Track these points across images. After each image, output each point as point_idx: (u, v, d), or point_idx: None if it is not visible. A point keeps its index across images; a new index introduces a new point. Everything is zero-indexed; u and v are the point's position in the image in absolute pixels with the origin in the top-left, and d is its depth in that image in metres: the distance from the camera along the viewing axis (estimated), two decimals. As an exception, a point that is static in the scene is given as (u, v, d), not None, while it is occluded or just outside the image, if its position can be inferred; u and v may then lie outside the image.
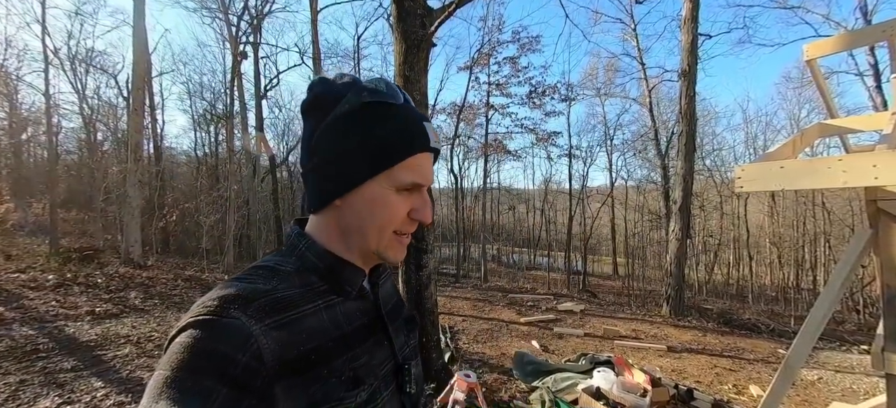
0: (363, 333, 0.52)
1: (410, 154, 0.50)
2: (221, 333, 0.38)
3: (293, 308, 0.45)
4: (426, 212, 0.52)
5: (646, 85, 14.81)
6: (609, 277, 17.79)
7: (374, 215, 0.50)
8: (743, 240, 15.86)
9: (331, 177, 0.50)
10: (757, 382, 4.01)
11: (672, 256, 7.88)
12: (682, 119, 7.72)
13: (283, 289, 0.46)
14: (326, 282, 0.51)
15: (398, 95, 0.51)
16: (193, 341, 0.38)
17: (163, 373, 0.36)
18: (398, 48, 3.26)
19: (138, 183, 8.05)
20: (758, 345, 5.65)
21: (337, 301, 0.51)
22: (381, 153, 0.49)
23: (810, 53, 2.42)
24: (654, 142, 14.85)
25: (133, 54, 8.06)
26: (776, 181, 1.84)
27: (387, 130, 0.49)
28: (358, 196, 0.50)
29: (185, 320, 0.40)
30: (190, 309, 0.42)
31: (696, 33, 7.45)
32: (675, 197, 8.13)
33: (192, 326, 0.39)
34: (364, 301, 0.55)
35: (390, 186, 0.50)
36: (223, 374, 0.37)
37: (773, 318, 9.37)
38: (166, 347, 0.40)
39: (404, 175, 0.50)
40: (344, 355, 0.47)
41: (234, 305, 0.41)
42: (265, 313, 0.42)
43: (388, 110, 0.50)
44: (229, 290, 0.43)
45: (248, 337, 0.39)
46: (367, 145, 0.48)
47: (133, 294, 5.75)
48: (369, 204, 0.50)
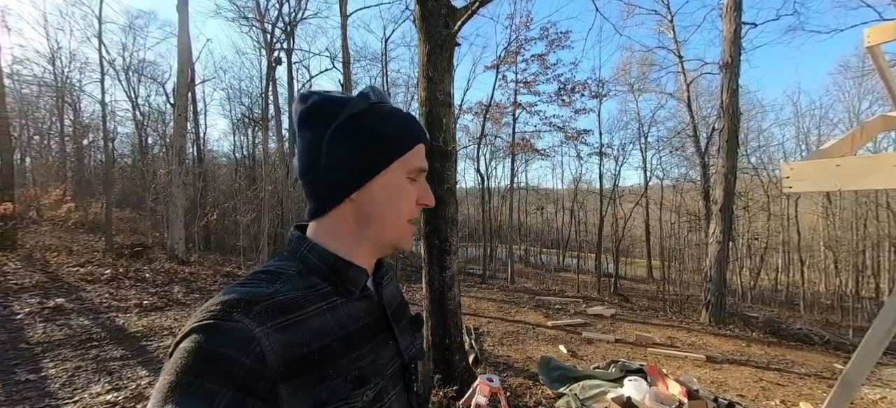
0: (368, 333, 0.53)
1: (416, 143, 0.56)
2: (224, 336, 0.39)
3: (296, 310, 0.45)
4: (429, 196, 0.58)
5: (683, 79, 14.04)
6: (643, 281, 17.07)
7: (393, 201, 0.54)
8: (793, 243, 14.71)
9: (347, 172, 0.52)
10: (809, 399, 3.68)
11: (712, 259, 7.42)
12: (723, 114, 7.25)
13: (286, 291, 0.47)
14: (329, 283, 0.52)
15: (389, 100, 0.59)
16: (197, 346, 0.38)
17: (168, 378, 0.37)
18: (422, 49, 3.27)
19: (182, 184, 8.58)
20: (810, 358, 5.20)
21: (340, 302, 0.51)
22: (394, 143, 0.54)
23: (872, 39, 2.18)
24: (692, 139, 14.05)
25: (178, 63, 8.60)
26: (832, 181, 1.67)
27: (394, 123, 0.55)
28: (376, 185, 0.53)
29: (189, 325, 0.41)
30: (194, 314, 0.43)
31: (739, 22, 6.97)
32: (715, 197, 7.66)
33: (196, 330, 0.40)
34: (368, 301, 0.56)
35: (404, 171, 0.54)
36: (227, 376, 0.37)
37: (828, 328, 8.63)
38: (171, 352, 0.40)
39: (414, 161, 0.55)
40: (348, 354, 0.48)
41: (237, 308, 0.41)
42: (268, 316, 0.42)
43: (389, 109, 0.55)
44: (232, 294, 0.43)
45: (250, 340, 0.40)
46: (382, 137, 0.53)
47: (176, 289, 6.12)
48: (388, 191, 0.54)
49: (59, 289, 5.37)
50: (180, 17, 8.47)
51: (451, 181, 3.31)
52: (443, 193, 3.22)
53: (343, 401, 0.45)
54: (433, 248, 3.22)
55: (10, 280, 5.39)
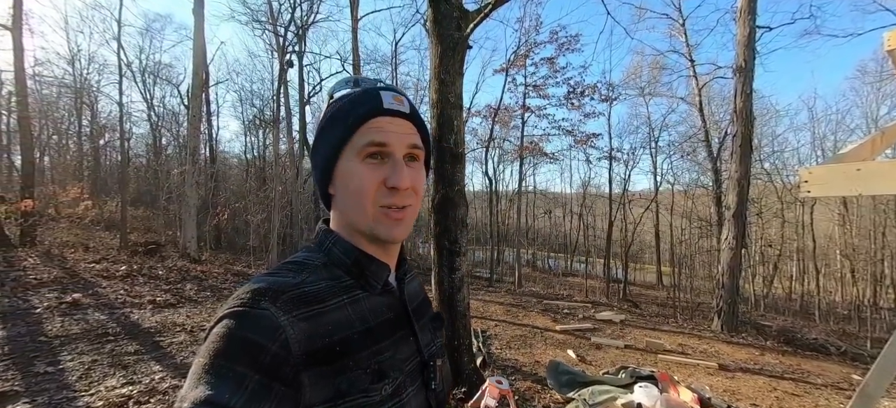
0: (388, 327, 0.53)
1: (364, 118, 0.51)
2: (253, 323, 0.41)
3: (319, 302, 0.47)
4: (398, 177, 0.50)
5: (695, 83, 13.88)
6: (652, 287, 16.85)
7: (349, 190, 0.52)
8: (808, 251, 14.41)
9: (316, 169, 0.55)
10: (825, 409, 3.59)
11: (724, 266, 7.30)
12: (736, 119, 7.15)
13: (311, 283, 0.48)
14: (352, 277, 0.52)
15: (368, 82, 0.56)
16: (228, 331, 0.40)
17: (201, 360, 0.40)
18: (434, 51, 3.29)
19: (195, 184, 8.73)
20: (826, 368, 5.08)
21: (362, 296, 0.52)
22: (336, 125, 0.52)
23: (893, 42, 2.14)
24: (704, 143, 13.86)
25: (192, 65, 8.78)
26: (851, 185, 1.64)
27: (341, 105, 0.53)
28: (337, 178, 0.53)
29: (221, 311, 0.43)
30: (226, 302, 0.45)
31: (753, 26, 6.88)
32: (728, 203, 7.54)
33: (228, 316, 0.42)
34: (390, 297, 0.56)
35: (354, 154, 0.51)
36: (254, 361, 0.39)
37: (845, 339, 8.41)
38: (206, 336, 0.43)
39: (362, 138, 0.51)
40: (368, 348, 0.48)
41: (265, 297, 0.43)
42: (293, 306, 0.44)
43: (349, 93, 0.54)
44: (261, 284, 0.45)
45: (277, 327, 0.41)
46: (328, 125, 0.53)
47: (188, 286, 6.22)
48: (343, 180, 0.52)
49: (76, 284, 5.50)
50: (196, 21, 8.65)
51: (460, 183, 3.32)
52: (453, 194, 3.23)
53: (362, 393, 0.46)
54: (443, 249, 3.23)
55: (29, 275, 5.54)
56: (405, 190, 0.51)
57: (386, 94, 0.52)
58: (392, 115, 0.52)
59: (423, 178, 0.57)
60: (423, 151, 0.56)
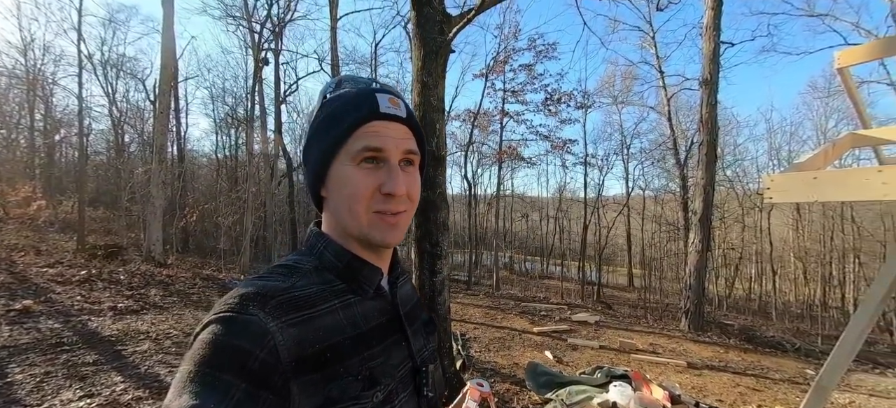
0: (380, 333, 0.52)
1: (360, 122, 0.49)
2: (240, 329, 0.39)
3: (309, 306, 0.46)
4: (394, 183, 0.49)
5: (664, 93, 14.55)
6: (624, 289, 17.39)
7: (342, 195, 0.51)
8: (766, 253, 15.30)
9: (309, 171, 0.54)
10: (783, 403, 3.82)
11: (691, 268, 7.66)
12: (702, 128, 7.54)
13: (301, 287, 0.47)
14: (344, 281, 0.51)
15: (362, 82, 0.54)
16: (214, 337, 0.39)
17: (186, 368, 0.38)
18: (417, 54, 3.29)
19: (161, 183, 8.31)
20: (783, 364, 5.41)
21: (354, 300, 0.51)
22: (330, 128, 0.50)
23: (842, 61, 2.32)
24: (672, 151, 14.54)
25: (161, 60, 8.37)
26: (808, 192, 1.77)
27: (335, 108, 0.51)
28: (330, 181, 0.52)
29: (208, 316, 0.42)
30: (214, 307, 0.43)
31: (718, 41, 7.29)
32: (694, 208, 7.92)
33: (214, 322, 0.40)
34: (382, 301, 0.55)
35: (348, 159, 0.50)
36: (241, 368, 0.38)
37: (799, 336, 8.98)
38: (191, 343, 0.41)
39: (357, 143, 0.49)
40: (360, 354, 0.47)
41: (253, 302, 0.42)
42: (282, 311, 0.43)
43: (343, 95, 0.52)
44: (249, 288, 0.44)
45: (264, 333, 0.40)
46: (321, 128, 0.51)
47: (153, 291, 5.90)
48: (337, 185, 0.51)
49: (26, 290, 5.10)
50: (165, 13, 8.27)
51: (442, 186, 3.33)
52: (434, 197, 3.24)
53: (353, 401, 0.45)
54: (424, 252, 3.22)
55: (-29, 281, 5.09)
56: (400, 196, 0.50)
57: (382, 98, 0.51)
58: (388, 119, 0.51)
59: (418, 183, 0.55)
60: (418, 156, 0.55)
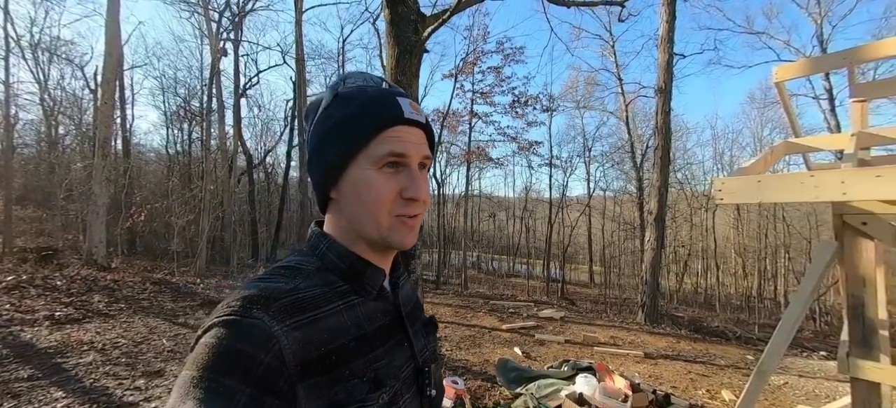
0: (383, 334, 0.52)
1: (383, 126, 0.49)
2: (244, 333, 0.39)
3: (314, 309, 0.45)
4: (416, 188, 0.50)
5: (623, 99, 15.38)
6: (585, 285, 18.18)
7: (362, 199, 0.50)
8: (711, 250, 16.61)
9: (320, 171, 0.52)
10: (728, 387, 4.18)
11: (647, 265, 8.15)
12: (657, 134, 8.05)
13: (305, 288, 0.46)
14: (347, 282, 0.51)
15: (375, 83, 0.54)
16: (217, 341, 0.38)
17: (189, 373, 0.37)
18: (391, 53, 3.26)
19: (105, 180, 7.63)
20: (727, 351, 5.91)
21: (357, 301, 0.51)
22: (353, 130, 0.49)
23: (779, 75, 2.57)
24: (629, 155, 15.40)
25: (105, 45, 7.68)
26: (754, 194, 1.95)
27: (357, 110, 0.50)
28: (345, 184, 0.50)
29: (210, 320, 0.41)
30: (215, 309, 0.42)
31: (671, 52, 7.82)
32: (650, 208, 8.45)
33: (217, 326, 0.40)
34: (384, 302, 0.55)
35: (370, 164, 0.49)
36: (246, 374, 0.37)
37: (740, 325, 9.83)
38: (193, 346, 0.40)
39: (380, 148, 0.49)
40: (364, 356, 0.47)
41: (257, 305, 0.41)
42: (287, 314, 0.42)
43: (361, 95, 0.51)
44: (252, 290, 0.43)
45: (269, 337, 0.39)
46: (340, 129, 0.50)
47: (97, 298, 5.41)
48: (355, 188, 0.50)
49: (-60, 300, 4.51)
50: (110, -6, 7.60)
51: (416, 186, 3.32)
52: (409, 197, 3.23)
53: (359, 403, 0.44)
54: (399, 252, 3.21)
55: None
56: (422, 201, 0.51)
57: (404, 103, 0.51)
58: (410, 124, 0.51)
59: (428, 185, 0.55)
60: (431, 160, 0.55)
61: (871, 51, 2.30)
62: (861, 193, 1.60)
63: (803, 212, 14.64)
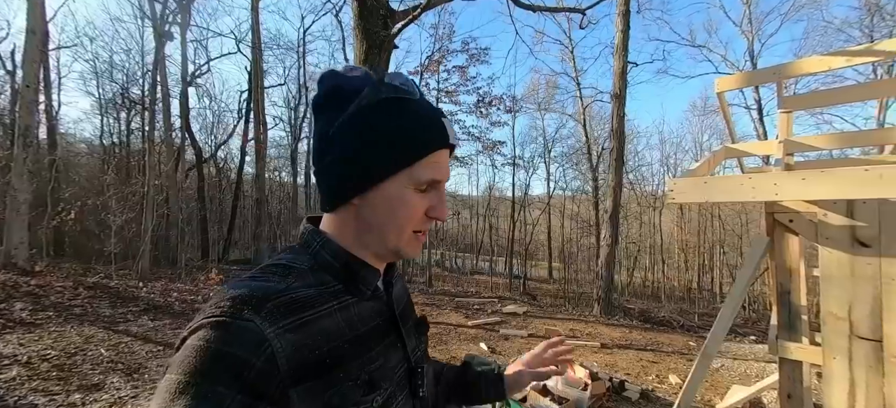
0: (377, 335, 0.51)
1: (430, 151, 0.49)
2: (235, 336, 0.37)
3: (308, 309, 0.44)
4: (443, 210, 0.52)
5: (581, 103, 16.12)
6: (545, 281, 18.90)
7: (395, 214, 0.49)
8: (657, 246, 17.90)
9: (350, 174, 0.48)
10: (675, 371, 4.55)
11: (603, 260, 8.63)
12: (613, 137, 8.53)
13: (298, 288, 0.45)
14: (341, 282, 0.50)
15: (415, 91, 0.51)
16: (206, 344, 0.36)
17: (175, 377, 0.35)
18: (359, 47, 3.19)
19: (27, 174, 6.78)
20: (673, 339, 6.41)
21: (351, 302, 0.49)
22: (402, 149, 0.48)
23: (720, 86, 2.83)
24: (587, 156, 16.19)
25: (27, 21, 6.81)
26: (701, 194, 2.13)
27: (407, 126, 0.48)
28: (378, 194, 0.49)
29: (197, 320, 0.39)
30: (202, 309, 0.40)
31: (626, 61, 8.31)
32: (606, 207, 8.94)
33: (205, 327, 0.38)
34: (378, 302, 0.54)
35: (410, 183, 0.49)
36: (237, 378, 0.35)
37: (683, 315, 10.69)
38: (178, 346, 0.38)
39: (425, 172, 0.49)
40: (359, 357, 0.46)
41: (248, 305, 0.39)
42: (279, 315, 0.40)
43: (407, 106, 0.49)
44: (242, 290, 0.41)
45: (261, 340, 0.38)
46: (388, 141, 0.47)
47: (18, 306, 4.80)
48: (389, 202, 0.49)
49: None
50: (32, -35, 6.75)
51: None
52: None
53: (353, 406, 0.44)
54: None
55: None
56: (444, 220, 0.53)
57: (448, 126, 0.51)
58: (448, 148, 0.51)
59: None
60: None
61: (795, 68, 2.60)
62: (790, 194, 1.81)
63: (736, 211, 16.17)
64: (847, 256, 1.87)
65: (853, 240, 1.86)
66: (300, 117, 15.68)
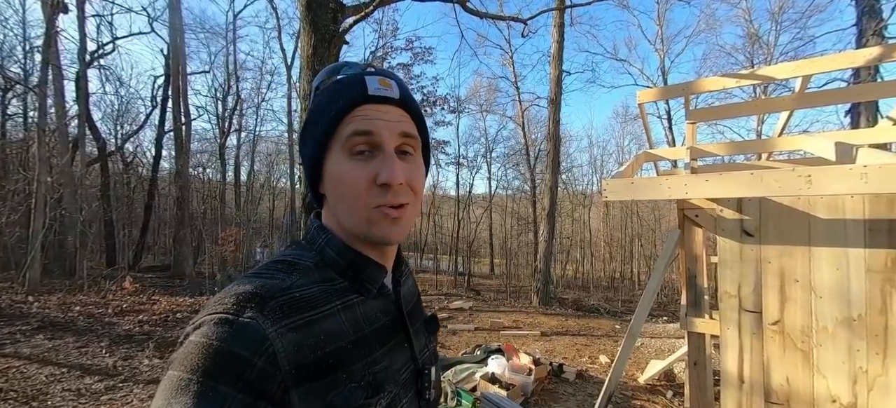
0: (383, 335, 0.50)
1: (348, 109, 0.46)
2: (237, 334, 0.36)
3: (311, 308, 0.43)
4: (388, 171, 0.45)
5: (519, 106, 16.98)
6: (488, 276, 19.62)
7: (340, 191, 0.47)
8: (586, 240, 19.57)
9: (304, 167, 0.51)
10: (604, 352, 5.06)
11: (541, 255, 9.23)
12: (549, 139, 9.16)
13: (301, 286, 0.44)
14: (346, 279, 0.48)
15: (351, 69, 0.51)
16: (208, 342, 0.36)
17: (176, 373, 0.35)
18: (307, 40, 3.08)
19: None
20: (601, 324, 7.10)
21: (357, 300, 0.48)
22: (320, 118, 0.48)
23: (641, 98, 3.23)
24: (525, 157, 17.11)
25: None
26: (629, 193, 2.43)
27: (322, 97, 0.49)
28: (326, 178, 0.49)
29: (201, 316, 0.39)
30: (206, 304, 0.41)
31: (561, 69, 8.97)
32: (543, 205, 9.57)
33: (208, 324, 0.37)
34: (385, 301, 0.53)
35: (341, 152, 0.47)
36: (238, 378, 0.35)
37: (608, 302, 11.82)
38: (181, 342, 0.38)
39: (345, 130, 0.46)
40: (363, 359, 0.45)
41: (251, 304, 0.39)
42: (282, 314, 0.40)
43: (333, 82, 0.49)
44: (246, 286, 0.41)
45: (263, 339, 0.37)
46: (313, 119, 0.49)
47: None
48: (332, 181, 0.48)
49: None
50: None
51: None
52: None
53: None
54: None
55: None
56: (399, 186, 0.46)
57: (371, 79, 0.47)
58: (379, 102, 0.47)
59: (421, 172, 0.51)
60: (418, 141, 0.51)
61: (700, 85, 3.07)
62: (697, 193, 2.15)
63: (650, 207, 18.25)
64: (737, 244, 2.27)
65: (742, 231, 2.26)
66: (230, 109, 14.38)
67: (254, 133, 15.67)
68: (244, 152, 16.38)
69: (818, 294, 2.01)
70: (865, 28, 5.99)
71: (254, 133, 15.67)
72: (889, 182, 1.49)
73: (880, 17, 5.93)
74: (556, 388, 3.84)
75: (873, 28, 5.89)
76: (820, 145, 2.28)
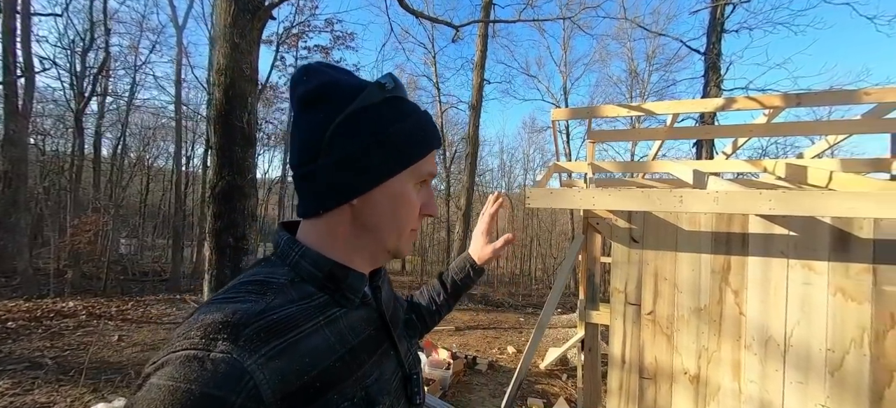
0: (370, 345, 0.48)
1: (431, 149, 0.51)
2: (209, 374, 0.32)
3: (291, 329, 0.39)
4: (434, 206, 0.54)
5: (439, 107, 17.39)
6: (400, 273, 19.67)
7: (397, 212, 0.49)
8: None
9: (353, 174, 0.46)
10: (512, 343, 5.54)
11: (456, 253, 9.62)
12: (468, 142, 9.61)
13: (278, 306, 0.40)
14: (326, 292, 0.46)
15: (403, 88, 0.52)
16: (174, 385, 0.31)
17: None
18: (225, 7, 2.73)
19: None
20: (508, 317, 7.73)
21: (339, 313, 0.46)
22: (408, 147, 0.49)
23: (554, 116, 3.64)
24: (442, 158, 17.58)
25: None
26: (549, 201, 2.74)
27: (412, 125, 0.49)
28: (382, 193, 0.48)
29: (163, 353, 0.34)
30: (168, 340, 0.36)
31: (483, 77, 9.47)
32: (459, 204, 10.00)
33: (172, 363, 0.33)
34: (367, 309, 0.51)
35: (412, 180, 0.50)
36: None
37: (512, 297, 12.92)
38: (139, 384, 0.33)
39: (425, 168, 0.51)
40: (353, 374, 0.43)
41: (222, 335, 0.35)
42: (260, 341, 0.36)
43: (406, 106, 0.50)
44: (214, 314, 0.36)
45: (241, 375, 0.33)
46: (396, 140, 0.47)
47: None
48: (393, 200, 0.49)
49: None
50: None
51: (252, 170, 2.91)
52: (243, 182, 2.80)
53: None
54: (226, 247, 2.73)
55: None
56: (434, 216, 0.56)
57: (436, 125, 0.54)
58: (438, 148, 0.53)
59: None
60: None
61: (601, 110, 3.58)
62: (602, 205, 2.52)
63: (548, 212, 20.45)
64: (626, 249, 2.74)
65: (630, 238, 2.74)
66: (92, 68, 11.62)
67: (128, 101, 12.95)
68: (109, 122, 13.43)
69: (679, 289, 2.54)
70: (710, 79, 7.70)
71: (128, 101, 12.95)
72: (733, 204, 1.99)
73: (719, 73, 7.70)
74: (471, 379, 4.09)
75: (714, 80, 7.61)
76: (682, 170, 2.88)
